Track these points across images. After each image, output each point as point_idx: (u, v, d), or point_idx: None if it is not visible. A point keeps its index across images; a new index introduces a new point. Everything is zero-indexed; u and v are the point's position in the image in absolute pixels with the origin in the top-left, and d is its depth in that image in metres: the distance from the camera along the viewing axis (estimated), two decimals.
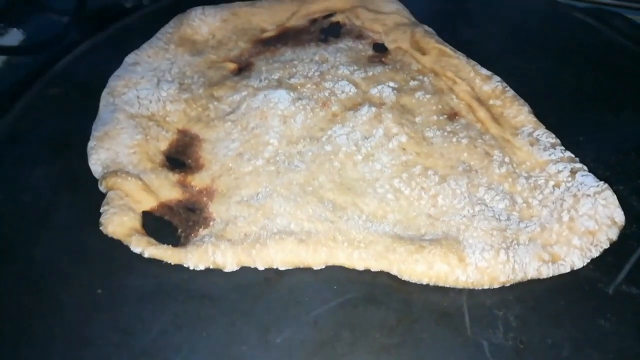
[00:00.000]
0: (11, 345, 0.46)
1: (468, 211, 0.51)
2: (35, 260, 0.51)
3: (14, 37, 0.97)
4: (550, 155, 0.56)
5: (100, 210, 0.53)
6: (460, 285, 0.47)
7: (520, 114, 0.61)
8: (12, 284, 0.49)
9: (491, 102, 0.63)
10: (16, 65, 0.94)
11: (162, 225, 0.53)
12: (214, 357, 0.45)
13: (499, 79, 0.64)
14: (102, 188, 0.55)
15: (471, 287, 0.47)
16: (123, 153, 0.57)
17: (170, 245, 0.50)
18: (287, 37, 0.73)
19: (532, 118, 0.60)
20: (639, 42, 0.72)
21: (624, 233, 0.51)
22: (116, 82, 0.64)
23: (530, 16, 0.77)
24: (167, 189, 0.55)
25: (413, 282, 0.48)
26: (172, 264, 0.50)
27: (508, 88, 0.63)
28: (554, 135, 0.58)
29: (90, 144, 0.58)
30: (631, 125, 0.62)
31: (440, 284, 0.48)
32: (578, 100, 0.65)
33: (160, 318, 0.47)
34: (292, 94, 0.62)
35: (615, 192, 0.54)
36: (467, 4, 0.79)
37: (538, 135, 0.58)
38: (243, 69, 0.69)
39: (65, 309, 0.48)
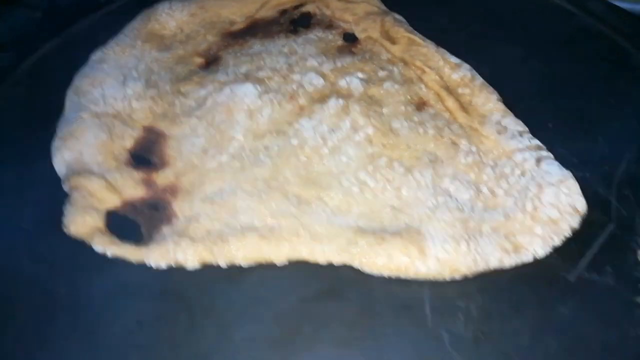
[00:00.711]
0: None
1: (431, 202, 0.51)
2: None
3: None
4: (517, 143, 0.56)
5: (64, 211, 0.52)
6: (421, 277, 0.47)
7: (488, 102, 0.60)
8: None
9: (460, 90, 0.62)
10: None
11: (126, 223, 0.53)
12: (175, 354, 0.45)
13: (468, 67, 0.64)
14: (66, 188, 0.55)
15: (432, 279, 0.47)
16: (87, 153, 0.57)
17: (133, 244, 0.50)
18: (256, 29, 0.72)
19: (500, 106, 0.60)
20: (615, 26, 0.71)
21: (588, 220, 0.51)
22: (81, 81, 0.64)
23: (504, 1, 0.77)
24: (131, 187, 0.55)
25: (375, 275, 0.48)
26: (135, 262, 0.50)
27: (477, 76, 0.63)
28: (522, 123, 0.58)
29: (55, 144, 0.58)
30: (601, 112, 0.61)
31: (402, 276, 0.47)
32: (549, 87, 0.64)
33: (123, 316, 0.47)
34: (259, 87, 0.62)
35: (582, 178, 0.54)
36: None
37: (506, 123, 0.58)
38: (211, 63, 0.68)
39: (25, 309, 0.48)
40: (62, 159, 0.57)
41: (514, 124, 0.57)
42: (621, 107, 0.61)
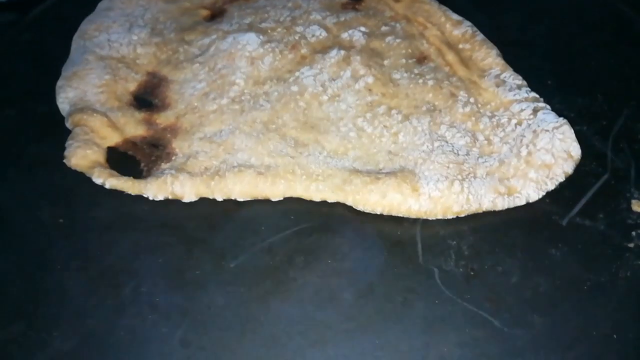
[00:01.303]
0: None
1: (427, 147, 0.52)
2: (0, 193, 0.52)
3: None
4: (515, 95, 0.56)
5: (65, 145, 0.53)
6: (413, 215, 0.48)
7: (488, 56, 0.60)
8: None
9: (460, 46, 0.63)
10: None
11: (126, 159, 0.54)
12: (168, 281, 0.45)
13: (469, 23, 0.64)
14: (68, 125, 0.55)
15: (424, 217, 0.48)
16: (91, 92, 0.58)
17: (131, 177, 0.51)
18: None
19: (500, 61, 0.60)
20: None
21: (583, 170, 0.51)
22: (88, 26, 0.64)
23: None
24: (132, 126, 0.55)
25: (368, 212, 0.48)
26: (133, 195, 0.50)
27: (478, 32, 0.63)
28: (520, 77, 0.58)
29: (59, 83, 0.59)
30: (600, 72, 0.61)
31: (394, 214, 0.48)
32: (551, 48, 0.65)
33: (119, 245, 0.48)
34: (261, 36, 0.62)
35: (579, 132, 0.54)
36: None
37: (505, 77, 0.58)
38: (216, 15, 0.69)
39: (26, 236, 0.49)
40: (65, 97, 0.57)
41: (513, 78, 0.58)
42: (622, 69, 0.62)
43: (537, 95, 0.56)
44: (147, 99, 0.59)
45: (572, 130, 0.51)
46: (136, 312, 0.43)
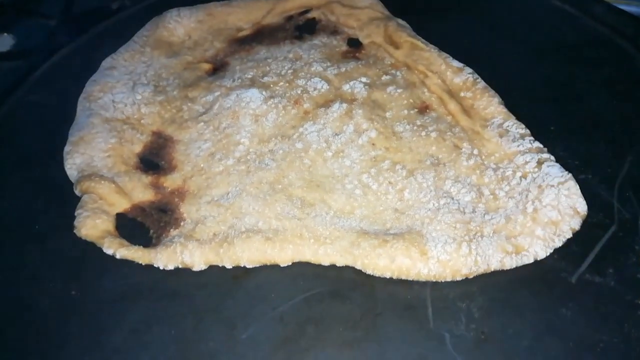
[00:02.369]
0: None
1: (433, 204, 0.52)
2: (11, 266, 0.53)
3: (4, 42, 0.99)
4: (518, 146, 0.56)
5: (75, 214, 0.54)
6: (422, 279, 0.48)
7: (490, 105, 0.61)
8: None
9: (462, 94, 0.63)
10: (7, 71, 0.96)
11: (135, 226, 0.54)
12: (182, 353, 0.46)
13: (470, 70, 0.64)
14: (77, 192, 0.56)
15: (434, 280, 0.48)
16: (98, 157, 0.58)
17: (141, 247, 0.52)
18: (263, 36, 0.74)
19: (502, 109, 0.60)
20: (617, 29, 0.72)
21: (590, 222, 0.51)
22: (92, 87, 0.65)
23: (508, 6, 0.77)
24: (140, 191, 0.56)
25: (377, 276, 0.49)
26: (143, 264, 0.51)
27: (479, 80, 0.63)
28: (523, 126, 0.59)
29: (66, 148, 0.59)
30: (602, 115, 0.62)
31: (403, 277, 0.48)
32: (551, 91, 0.65)
33: (131, 317, 0.48)
34: (264, 92, 0.63)
35: (584, 181, 0.54)
36: None
37: (508, 126, 0.59)
38: (218, 69, 0.70)
39: (39, 310, 0.49)
40: (73, 163, 0.58)
41: (516, 127, 0.58)
42: (623, 110, 0.62)
43: (541, 145, 0.56)
44: (154, 160, 0.60)
45: (577, 186, 0.51)
46: None
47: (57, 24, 0.97)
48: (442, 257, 0.48)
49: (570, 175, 0.52)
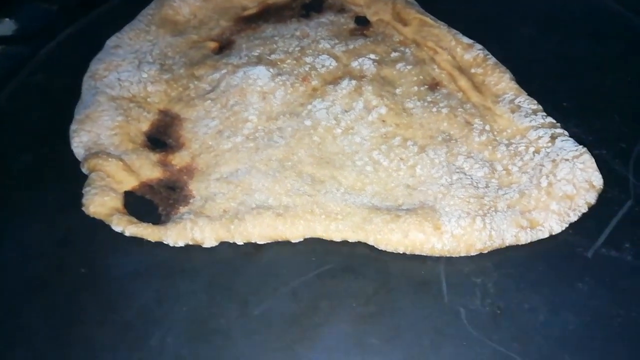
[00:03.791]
0: None
1: (446, 180, 0.51)
2: (21, 244, 0.52)
3: (7, 27, 0.98)
4: (531, 121, 0.55)
5: (82, 192, 0.53)
6: (436, 254, 0.47)
7: (501, 81, 0.60)
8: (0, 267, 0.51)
9: (473, 70, 0.62)
10: (10, 55, 0.95)
11: (143, 204, 0.54)
12: (193, 330, 0.45)
13: (480, 46, 0.63)
14: (84, 170, 0.55)
15: (447, 255, 0.47)
16: (104, 135, 0.58)
17: (151, 224, 0.51)
18: (269, 14, 0.73)
19: (513, 85, 0.60)
20: (629, 4, 0.71)
21: (605, 197, 0.51)
22: (97, 66, 0.64)
23: None
24: (148, 169, 0.55)
25: (390, 251, 0.48)
26: (153, 241, 0.50)
27: (490, 56, 0.62)
28: (535, 102, 0.58)
29: (72, 127, 0.59)
30: (615, 90, 0.61)
31: (417, 253, 0.48)
32: (563, 67, 0.64)
33: (142, 294, 0.48)
34: (271, 69, 0.62)
35: (598, 156, 0.53)
36: None
37: (519, 102, 0.58)
38: (224, 47, 0.69)
39: (49, 288, 0.49)
40: (79, 141, 0.57)
41: (528, 103, 0.57)
42: (636, 85, 0.61)
43: (554, 121, 0.56)
44: (161, 139, 0.59)
45: (593, 159, 0.50)
46: None
47: (59, 8, 0.96)
48: (456, 232, 0.47)
49: (585, 149, 0.51)
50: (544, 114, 0.57)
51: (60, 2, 0.95)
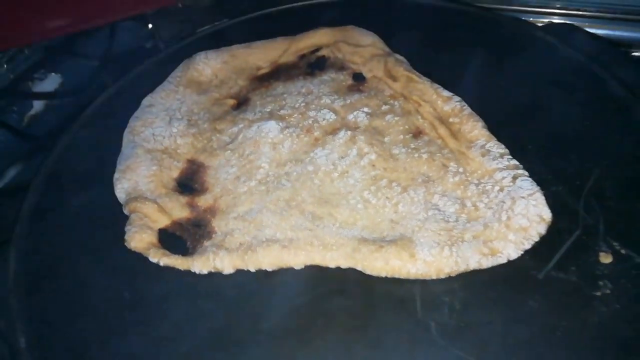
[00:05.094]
0: (54, 337, 0.58)
1: (422, 215, 0.62)
2: (76, 276, 0.63)
3: (52, 81, 1.13)
4: (497, 164, 0.65)
5: (125, 230, 0.65)
6: (412, 277, 0.57)
7: (475, 129, 0.70)
8: (58, 298, 0.62)
9: (451, 120, 0.73)
10: (55, 107, 1.10)
11: (174, 239, 0.65)
12: (214, 341, 0.56)
13: (458, 99, 0.74)
14: (125, 211, 0.67)
15: (421, 278, 0.57)
16: (142, 182, 0.70)
17: (180, 255, 0.62)
18: (279, 73, 0.85)
19: (485, 132, 0.70)
20: (594, 57, 0.80)
21: (557, 227, 0.60)
22: (135, 123, 0.77)
23: (497, 40, 0.87)
24: (178, 210, 0.67)
25: (375, 275, 0.58)
26: (182, 269, 0.62)
27: (466, 107, 0.73)
28: (503, 146, 0.68)
29: (115, 176, 0.71)
30: (575, 134, 0.70)
31: (396, 276, 0.58)
32: (530, 114, 0.74)
33: (174, 313, 0.59)
34: (280, 123, 0.74)
35: (555, 192, 0.63)
36: (436, 30, 0.89)
37: (489, 146, 0.68)
38: (241, 103, 0.81)
39: (99, 310, 0.60)
40: (121, 188, 0.69)
41: (496, 147, 0.67)
42: (593, 130, 0.70)
43: (517, 163, 0.65)
44: (189, 184, 0.71)
45: (543, 197, 0.60)
46: None
47: (99, 64, 1.11)
48: (427, 259, 0.57)
49: (538, 188, 0.61)
50: (510, 157, 0.66)
51: (101, 57, 1.10)
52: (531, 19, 1.01)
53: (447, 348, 0.53)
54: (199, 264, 0.61)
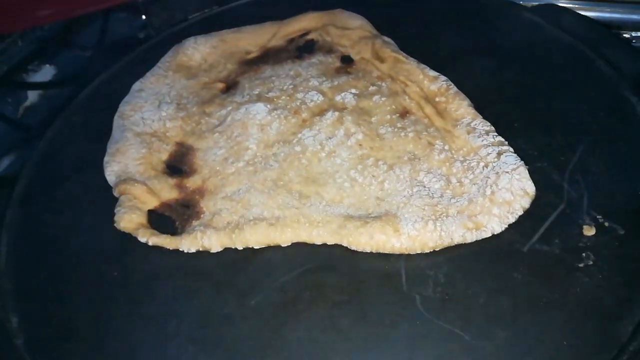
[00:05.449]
0: (46, 316, 0.59)
1: (407, 192, 0.62)
2: (67, 257, 0.64)
3: (46, 72, 1.14)
4: (483, 141, 0.66)
5: (114, 211, 0.66)
6: (396, 251, 0.58)
7: (460, 107, 0.71)
8: (50, 278, 0.63)
9: (437, 99, 0.73)
10: (50, 97, 1.10)
11: (163, 219, 0.66)
12: (203, 318, 0.57)
13: (445, 78, 0.74)
14: (115, 193, 0.68)
15: (406, 253, 0.58)
16: (131, 164, 0.70)
17: (169, 235, 0.63)
18: (268, 57, 0.85)
19: (471, 110, 0.70)
20: (580, 37, 0.81)
21: (542, 201, 0.60)
22: (125, 107, 0.78)
23: (485, 21, 0.87)
24: (167, 191, 0.68)
25: (360, 251, 0.59)
26: (171, 249, 0.62)
27: (452, 86, 0.73)
28: (489, 124, 0.68)
29: (105, 159, 0.72)
30: (561, 112, 0.71)
31: (381, 251, 0.58)
32: (517, 93, 0.74)
33: (162, 292, 0.60)
34: (268, 105, 0.74)
35: (540, 168, 0.64)
36: (424, 11, 0.89)
37: (475, 124, 0.68)
38: (230, 87, 0.81)
39: (89, 288, 0.61)
40: (111, 170, 0.70)
41: (482, 125, 0.68)
42: (579, 107, 0.71)
43: (503, 139, 0.66)
44: (178, 166, 0.71)
45: (527, 171, 0.61)
46: (178, 345, 0.55)
47: (92, 54, 1.11)
48: (412, 233, 0.58)
49: (522, 162, 0.62)
50: (495, 134, 0.67)
51: (94, 48, 1.11)
52: (521, 2, 1.00)
53: (432, 320, 0.53)
54: (187, 243, 0.62)
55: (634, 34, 0.93)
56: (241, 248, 0.61)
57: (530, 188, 0.60)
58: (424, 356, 0.51)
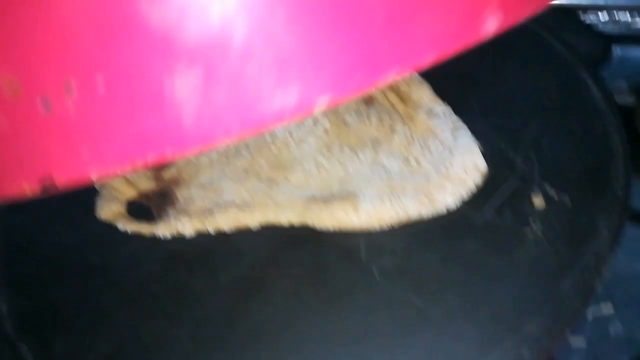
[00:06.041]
0: (36, 301, 0.63)
1: (369, 174, 0.66)
2: (52, 246, 0.68)
3: None
4: (441, 123, 0.70)
5: (95, 202, 0.70)
6: (357, 228, 0.62)
7: (421, 92, 0.74)
8: (36, 267, 0.67)
9: (401, 87, 0.77)
10: None
11: (141, 208, 0.70)
12: (177, 297, 0.61)
13: None
14: (96, 186, 0.72)
15: (365, 229, 0.62)
16: None
17: (146, 222, 0.67)
18: None
19: (431, 95, 0.74)
20: (542, 22, 0.84)
21: (496, 177, 0.64)
22: None
23: None
24: (145, 182, 0.72)
25: (324, 230, 0.63)
26: (148, 235, 0.66)
27: (415, 74, 0.77)
28: (448, 107, 0.72)
29: None
30: (517, 93, 0.74)
31: (342, 228, 0.62)
32: (478, 78, 0.78)
33: (140, 274, 0.63)
34: None
35: (495, 146, 0.67)
36: None
37: (434, 108, 0.72)
38: None
39: (73, 275, 0.65)
40: None
41: (441, 108, 0.71)
42: (535, 87, 0.74)
43: (459, 120, 0.69)
44: None
45: (479, 148, 0.64)
46: (154, 322, 0.59)
47: None
48: (370, 210, 0.61)
49: (475, 141, 0.65)
50: (454, 116, 0.70)
51: None
52: None
53: (388, 288, 0.57)
54: (163, 229, 0.66)
55: (592, 16, 0.96)
56: (213, 232, 0.65)
57: (483, 165, 0.63)
58: (381, 320, 0.55)
